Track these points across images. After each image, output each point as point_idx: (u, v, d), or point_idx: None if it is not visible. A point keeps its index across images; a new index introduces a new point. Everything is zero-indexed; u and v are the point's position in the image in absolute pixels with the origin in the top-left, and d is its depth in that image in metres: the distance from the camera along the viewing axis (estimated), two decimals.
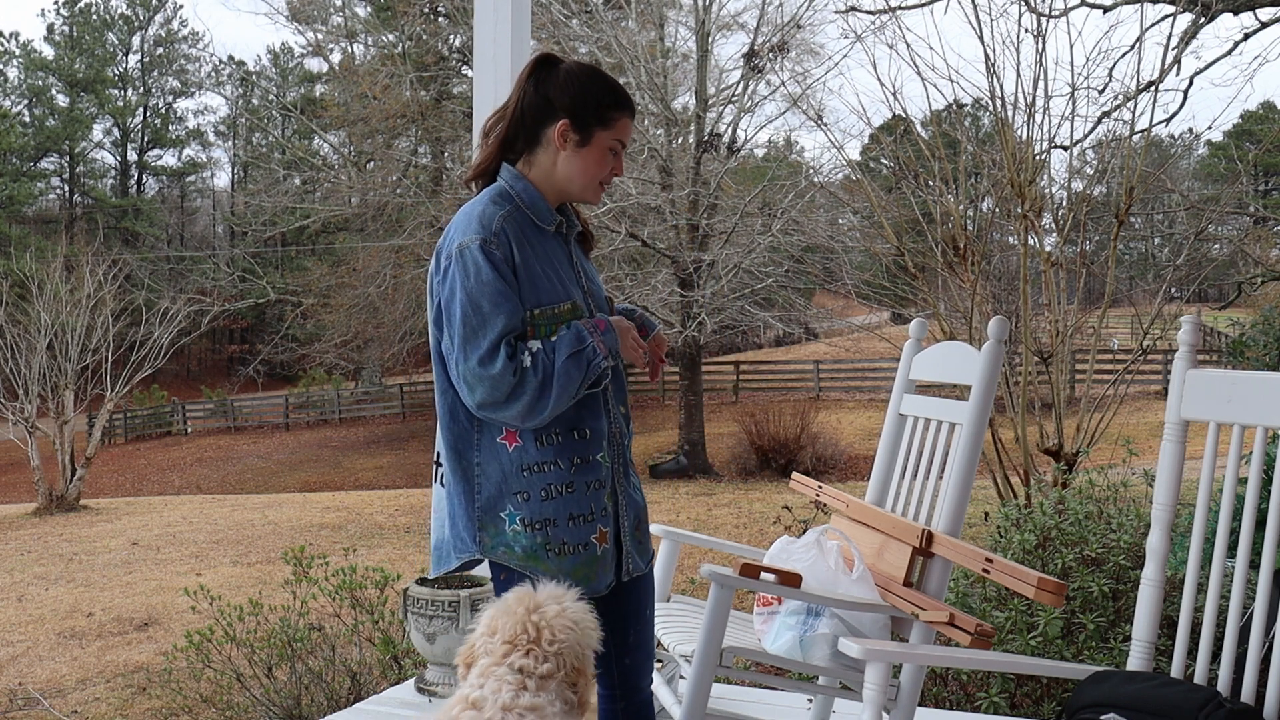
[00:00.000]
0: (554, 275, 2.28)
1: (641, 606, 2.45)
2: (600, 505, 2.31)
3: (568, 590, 1.98)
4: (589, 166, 2.29)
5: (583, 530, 2.28)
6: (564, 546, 2.27)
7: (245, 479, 24.83)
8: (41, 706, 7.86)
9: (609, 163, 2.31)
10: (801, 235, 19.00)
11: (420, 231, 22.69)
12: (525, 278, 2.22)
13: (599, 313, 2.36)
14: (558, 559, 2.26)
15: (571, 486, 2.27)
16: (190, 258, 38.51)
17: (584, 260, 2.42)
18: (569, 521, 2.27)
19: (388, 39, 27.56)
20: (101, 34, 46.44)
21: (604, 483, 2.32)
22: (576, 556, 2.28)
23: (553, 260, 2.30)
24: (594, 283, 2.41)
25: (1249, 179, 21.27)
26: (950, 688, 4.31)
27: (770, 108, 33.07)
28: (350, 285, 26.43)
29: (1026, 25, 8.19)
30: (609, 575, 2.34)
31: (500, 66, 3.76)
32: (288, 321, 30.00)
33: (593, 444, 2.30)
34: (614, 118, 2.30)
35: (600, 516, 2.31)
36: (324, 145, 32.37)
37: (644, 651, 2.46)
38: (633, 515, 2.40)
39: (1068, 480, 6.01)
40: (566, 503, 2.27)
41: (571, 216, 2.41)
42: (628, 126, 2.32)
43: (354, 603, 5.50)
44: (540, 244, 2.28)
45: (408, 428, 29.31)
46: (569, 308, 2.26)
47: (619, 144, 2.31)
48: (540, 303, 2.23)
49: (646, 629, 2.46)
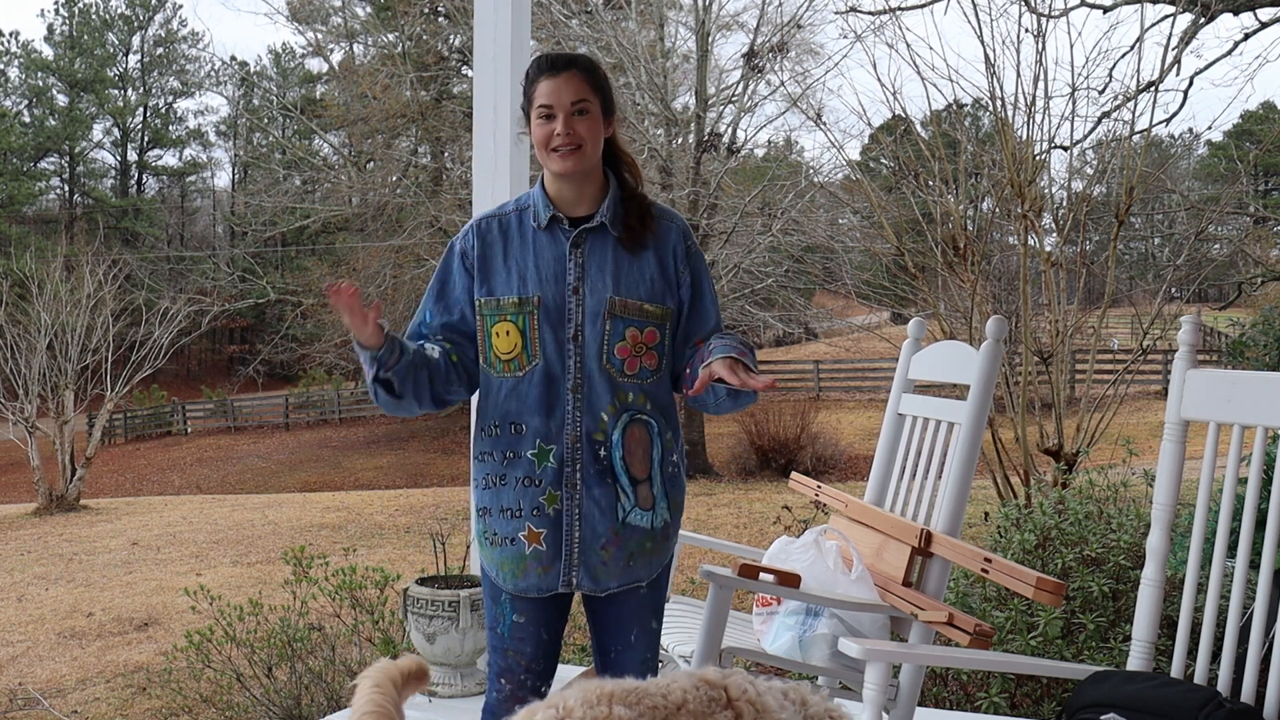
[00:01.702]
0: (517, 271, 2.32)
1: (623, 628, 2.37)
2: (532, 504, 2.30)
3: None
4: (536, 142, 2.33)
5: (511, 524, 2.32)
6: (495, 536, 2.35)
7: (245, 479, 24.82)
8: (41, 706, 7.86)
9: (544, 128, 2.30)
10: (801, 235, 18.99)
11: (420, 231, 22.67)
12: (479, 272, 2.35)
13: (589, 304, 2.29)
14: (490, 548, 2.36)
15: (503, 479, 2.32)
16: (190, 258, 38.50)
17: (600, 257, 2.32)
18: (501, 513, 2.33)
19: (388, 39, 27.54)
20: (101, 34, 46.41)
21: (538, 481, 2.29)
22: (504, 549, 2.33)
23: (530, 256, 2.33)
24: (598, 279, 2.31)
25: (1249, 179, 21.28)
26: (950, 688, 4.31)
27: (770, 108, 33.00)
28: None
29: (1026, 25, 8.20)
30: (543, 579, 2.31)
31: (500, 66, 3.76)
32: (288, 321, 29.95)
33: (525, 440, 2.30)
34: (533, 89, 2.33)
35: (531, 516, 2.30)
36: (324, 145, 32.35)
37: (628, 673, 2.35)
38: (593, 530, 2.29)
39: (1068, 480, 6.01)
40: (498, 494, 2.33)
41: (603, 215, 2.32)
42: (548, 88, 2.30)
43: (354, 603, 5.49)
44: (521, 241, 2.35)
45: (408, 428, 29.28)
46: (514, 301, 2.31)
47: (545, 107, 2.29)
48: (489, 294, 2.33)
49: (630, 652, 2.37)
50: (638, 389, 2.33)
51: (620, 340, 2.31)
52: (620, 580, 2.33)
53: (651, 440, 2.33)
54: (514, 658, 2.37)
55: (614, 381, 2.30)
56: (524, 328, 2.30)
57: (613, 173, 2.40)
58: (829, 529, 2.83)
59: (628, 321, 2.31)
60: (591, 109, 2.31)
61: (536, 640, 2.37)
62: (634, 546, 2.32)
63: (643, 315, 2.32)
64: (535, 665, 2.38)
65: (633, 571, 2.34)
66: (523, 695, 2.37)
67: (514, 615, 2.36)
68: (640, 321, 2.32)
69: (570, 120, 2.28)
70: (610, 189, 2.37)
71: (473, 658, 3.79)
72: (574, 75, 2.31)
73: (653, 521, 2.33)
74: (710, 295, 2.42)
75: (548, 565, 2.31)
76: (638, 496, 2.32)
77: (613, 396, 2.30)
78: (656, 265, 2.35)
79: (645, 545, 2.34)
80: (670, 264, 2.36)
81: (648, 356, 2.33)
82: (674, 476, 2.38)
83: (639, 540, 2.33)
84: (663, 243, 2.37)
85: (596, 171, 2.36)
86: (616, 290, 2.31)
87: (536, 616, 2.36)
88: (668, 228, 2.39)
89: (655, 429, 2.34)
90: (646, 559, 2.35)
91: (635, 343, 2.31)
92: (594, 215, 2.34)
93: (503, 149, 3.79)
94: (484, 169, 3.82)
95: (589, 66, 2.35)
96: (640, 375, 2.33)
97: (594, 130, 2.31)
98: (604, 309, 2.30)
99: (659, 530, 2.35)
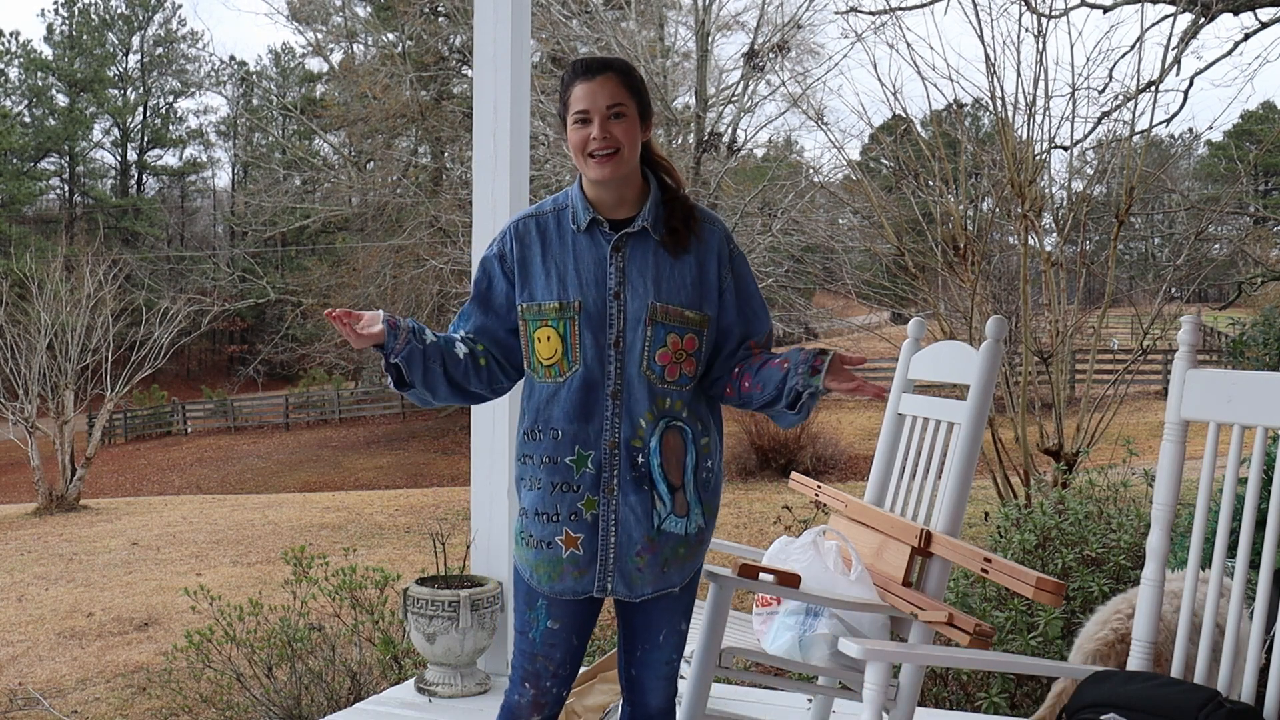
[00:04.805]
0: (557, 274, 2.30)
1: (652, 629, 2.38)
2: (570, 509, 2.29)
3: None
4: (572, 147, 2.31)
5: (548, 528, 2.31)
6: (531, 538, 2.34)
7: (245, 479, 24.82)
8: (41, 706, 7.86)
9: (580, 133, 2.28)
10: (801, 235, 18.98)
11: (420, 231, 22.67)
12: (519, 275, 2.33)
13: (630, 309, 2.27)
14: (526, 549, 2.35)
15: (540, 483, 2.31)
16: (190, 258, 38.47)
17: (641, 262, 2.29)
18: (537, 516, 2.32)
19: (388, 39, 27.54)
20: (101, 34, 46.40)
21: (575, 487, 2.29)
22: (540, 551, 2.32)
23: (570, 259, 2.30)
24: (640, 285, 2.28)
25: (1249, 179, 21.27)
26: (950, 688, 4.31)
27: (770, 108, 33.07)
28: (350, 285, 26.41)
29: (1027, 25, 8.23)
30: (578, 583, 2.30)
31: (500, 66, 3.76)
32: (288, 321, 29.96)
33: (563, 446, 2.29)
34: (569, 94, 2.30)
35: (569, 520, 2.29)
36: (324, 145, 32.34)
37: (653, 671, 2.40)
38: (629, 536, 2.28)
39: (1068, 480, 6.02)
40: (537, 497, 2.32)
41: (644, 219, 2.30)
42: (584, 92, 2.28)
43: (354, 603, 5.50)
44: (561, 243, 2.32)
45: (408, 428, 29.29)
46: (555, 306, 2.29)
47: (581, 113, 2.27)
48: (530, 299, 2.31)
49: (657, 651, 2.39)
50: (676, 395, 2.31)
51: (662, 346, 2.28)
52: (655, 586, 2.32)
53: (686, 447, 2.32)
54: (543, 663, 2.35)
55: (653, 388, 2.29)
56: (565, 333, 2.28)
57: (653, 175, 2.37)
58: (828, 529, 2.83)
59: (669, 328, 2.29)
60: (628, 112, 2.28)
61: (567, 646, 2.36)
62: (669, 553, 2.31)
63: (683, 322, 2.30)
64: (562, 670, 2.37)
65: (667, 577, 2.33)
66: (544, 700, 2.38)
67: (549, 621, 2.34)
68: (681, 328, 2.30)
69: (606, 124, 2.25)
70: (651, 192, 2.34)
71: (473, 658, 3.79)
72: (609, 79, 2.28)
73: (687, 528, 2.32)
74: (759, 297, 2.40)
75: (584, 569, 2.30)
76: (674, 503, 2.30)
77: (651, 403, 2.29)
78: (697, 270, 2.32)
79: (679, 551, 2.33)
80: (713, 269, 2.34)
81: (687, 363, 2.31)
82: (708, 482, 2.36)
83: (673, 547, 2.32)
84: (705, 247, 2.34)
85: (635, 175, 2.33)
86: (658, 296, 2.29)
87: (570, 623, 2.35)
88: (711, 231, 2.36)
89: (690, 435, 2.32)
90: (680, 565, 2.34)
91: (676, 349, 2.29)
92: (634, 219, 2.32)
93: (503, 149, 3.79)
94: (484, 169, 3.82)
95: (625, 69, 2.32)
96: (679, 382, 2.31)
97: (631, 134, 2.28)
98: (645, 315, 2.28)
99: (693, 536, 2.33)
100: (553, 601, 2.33)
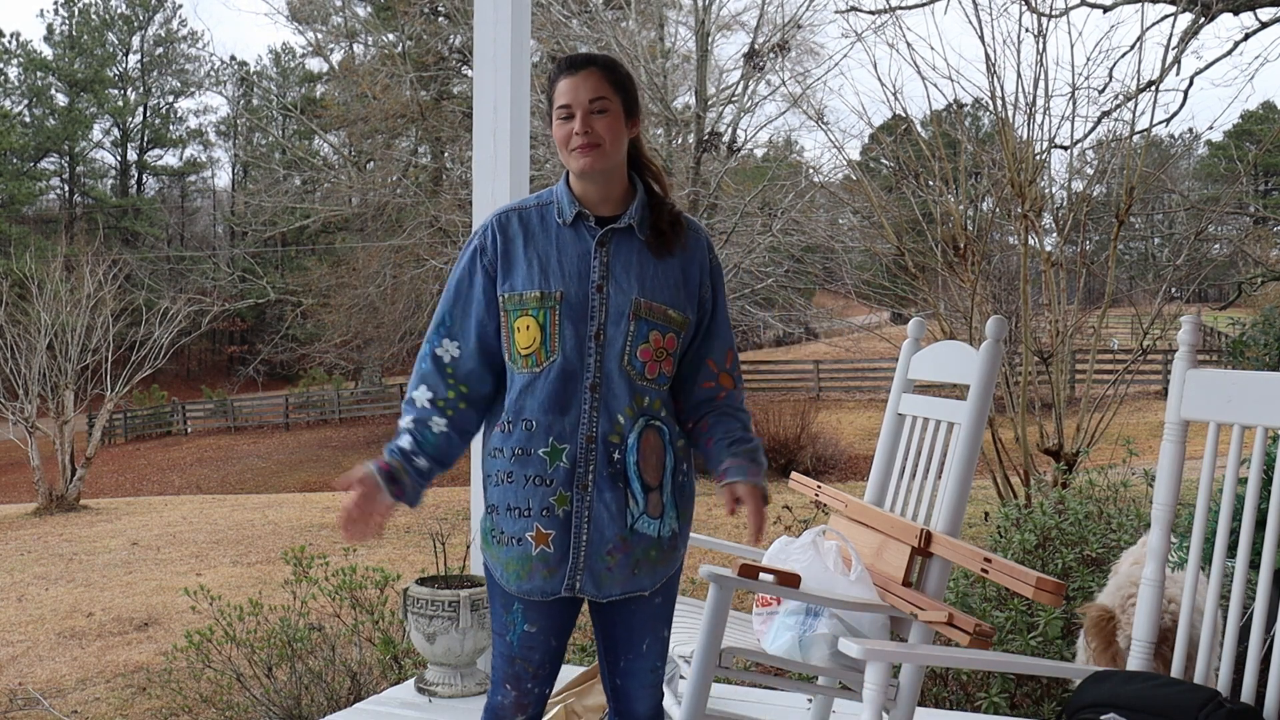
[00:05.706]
0: (539, 265, 2.29)
1: (635, 638, 2.35)
2: (541, 504, 2.26)
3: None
4: (557, 142, 2.31)
5: (519, 524, 2.28)
6: (501, 535, 2.31)
7: (245, 479, 24.83)
8: (41, 706, 7.85)
9: (563, 127, 2.29)
10: (801, 235, 18.98)
11: (420, 231, 22.66)
12: (501, 267, 2.32)
13: (613, 303, 2.27)
14: (496, 546, 2.32)
15: (511, 477, 2.29)
16: (190, 258, 38.48)
17: (625, 259, 2.29)
18: (508, 511, 2.29)
19: (388, 39, 27.54)
20: (101, 34, 46.40)
21: (549, 481, 2.26)
22: (510, 549, 2.29)
23: (553, 250, 2.30)
24: (624, 279, 2.28)
25: (1249, 179, 21.28)
26: (950, 688, 4.31)
27: (770, 108, 33.08)
28: (350, 285, 26.42)
29: (1027, 25, 8.23)
30: (548, 582, 2.28)
31: (500, 66, 3.76)
32: (288, 321, 29.99)
33: (537, 438, 2.26)
34: (553, 89, 2.31)
35: (541, 516, 2.26)
36: (324, 145, 32.34)
37: (638, 680, 2.37)
38: (601, 535, 2.26)
39: (1068, 480, 6.02)
40: (507, 492, 2.29)
41: (630, 217, 2.31)
42: (567, 87, 2.29)
43: (354, 603, 5.49)
44: (544, 235, 2.31)
45: None
46: (536, 295, 2.27)
47: (564, 107, 2.28)
48: (512, 289, 2.30)
49: (641, 660, 2.36)
50: (654, 394, 2.30)
51: (644, 342, 2.27)
52: (624, 588, 2.29)
53: (664, 447, 2.30)
54: (522, 665, 2.34)
55: (633, 384, 2.27)
56: (544, 322, 2.26)
57: (639, 179, 2.37)
58: (828, 529, 2.83)
59: (652, 324, 2.28)
60: (611, 107, 2.28)
61: (546, 648, 2.34)
62: (640, 554, 2.29)
63: (666, 320, 2.30)
64: (542, 671, 2.36)
65: (637, 580, 2.30)
66: (526, 701, 2.37)
67: (525, 625, 2.32)
68: (664, 326, 2.29)
69: (588, 119, 2.26)
70: (638, 194, 2.35)
71: (473, 658, 3.79)
72: (592, 73, 2.29)
73: (660, 530, 2.30)
74: (725, 314, 2.40)
75: (554, 568, 2.27)
76: (648, 503, 2.28)
77: (631, 399, 2.27)
78: (681, 273, 2.33)
79: (651, 554, 2.30)
80: (695, 275, 2.34)
81: (666, 362, 2.30)
82: (684, 485, 2.35)
83: (645, 548, 2.29)
84: (690, 254, 2.35)
85: (621, 173, 2.33)
86: (642, 292, 2.28)
87: (547, 625, 2.33)
88: (695, 239, 2.37)
89: (668, 436, 2.31)
90: (651, 567, 2.31)
91: (658, 346, 2.28)
92: (620, 216, 2.32)
93: (503, 149, 3.79)
94: (484, 169, 3.81)
95: (608, 65, 2.33)
96: (658, 380, 2.30)
97: (614, 129, 2.28)
98: (629, 309, 2.27)
99: (666, 540, 2.31)
100: (529, 605, 2.31)
